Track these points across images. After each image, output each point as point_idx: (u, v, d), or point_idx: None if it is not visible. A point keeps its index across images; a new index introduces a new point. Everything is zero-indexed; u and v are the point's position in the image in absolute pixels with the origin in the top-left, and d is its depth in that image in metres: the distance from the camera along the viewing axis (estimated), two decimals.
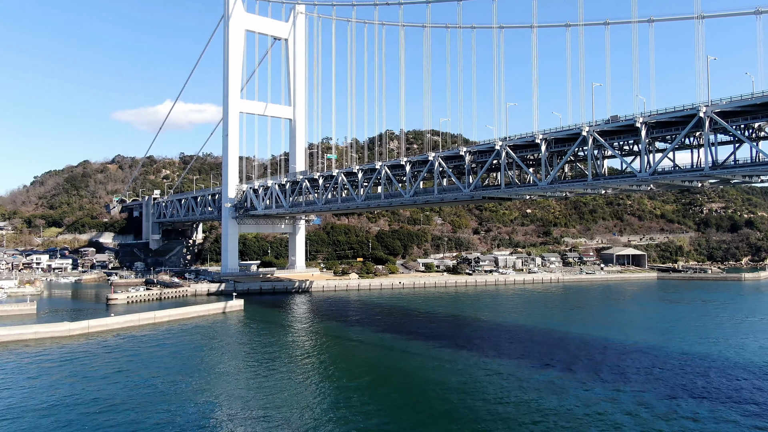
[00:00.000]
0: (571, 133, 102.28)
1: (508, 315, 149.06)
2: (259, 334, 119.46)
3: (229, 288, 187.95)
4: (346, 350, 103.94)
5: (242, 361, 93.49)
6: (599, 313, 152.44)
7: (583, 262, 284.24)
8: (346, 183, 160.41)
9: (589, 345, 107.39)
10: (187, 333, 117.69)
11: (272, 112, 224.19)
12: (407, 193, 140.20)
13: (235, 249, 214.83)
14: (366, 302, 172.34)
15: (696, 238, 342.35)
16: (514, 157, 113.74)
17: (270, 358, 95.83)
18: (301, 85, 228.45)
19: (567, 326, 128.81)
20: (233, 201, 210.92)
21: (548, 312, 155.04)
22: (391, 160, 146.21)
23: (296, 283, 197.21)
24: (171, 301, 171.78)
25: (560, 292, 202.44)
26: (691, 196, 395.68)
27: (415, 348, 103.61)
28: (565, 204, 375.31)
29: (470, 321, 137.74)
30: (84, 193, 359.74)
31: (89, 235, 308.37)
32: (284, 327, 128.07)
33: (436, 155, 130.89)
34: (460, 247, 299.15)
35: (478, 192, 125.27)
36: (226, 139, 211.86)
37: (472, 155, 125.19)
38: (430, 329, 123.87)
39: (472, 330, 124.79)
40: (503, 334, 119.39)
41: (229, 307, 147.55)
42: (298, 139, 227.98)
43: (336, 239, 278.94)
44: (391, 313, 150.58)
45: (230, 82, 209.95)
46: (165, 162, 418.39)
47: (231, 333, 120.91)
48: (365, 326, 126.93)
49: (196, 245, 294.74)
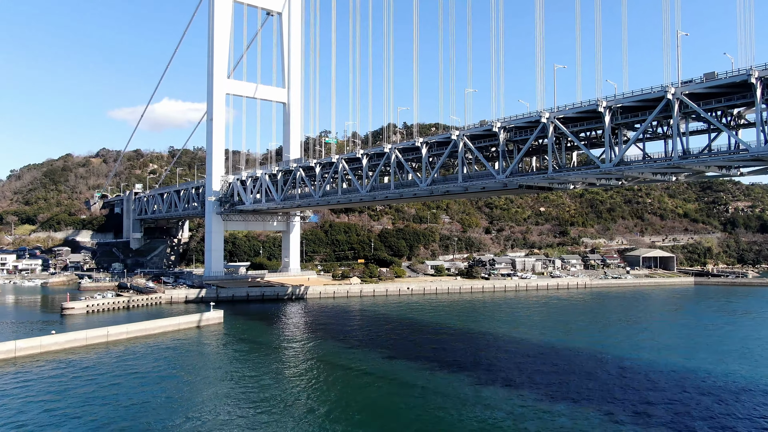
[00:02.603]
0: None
1: (542, 331, 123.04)
2: (236, 359, 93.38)
3: (211, 294, 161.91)
4: (345, 387, 77.93)
5: (205, 412, 67.32)
6: (659, 329, 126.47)
7: (607, 264, 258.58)
8: (347, 171, 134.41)
9: (682, 383, 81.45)
10: (144, 357, 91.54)
11: (264, 94, 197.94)
12: (423, 182, 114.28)
13: (219, 249, 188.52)
14: (370, 314, 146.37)
15: (724, 239, 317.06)
16: (567, 133, 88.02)
17: (245, 401, 69.78)
18: (296, 65, 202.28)
19: (629, 350, 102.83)
20: (218, 194, 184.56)
21: (592, 327, 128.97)
22: (403, 143, 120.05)
23: (289, 289, 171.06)
24: (141, 310, 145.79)
25: (593, 301, 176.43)
26: (714, 194, 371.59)
27: (432, 382, 77.94)
28: (580, 202, 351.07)
29: (495, 340, 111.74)
30: (63, 188, 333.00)
31: (65, 233, 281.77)
32: (269, 350, 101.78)
33: (461, 133, 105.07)
34: (470, 247, 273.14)
35: (515, 178, 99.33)
36: (210, 124, 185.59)
37: (507, 132, 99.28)
38: (447, 353, 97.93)
39: (497, 352, 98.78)
40: (540, 359, 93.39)
41: (205, 320, 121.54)
42: (292, 126, 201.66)
43: (335, 239, 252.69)
44: (400, 328, 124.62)
45: (215, 59, 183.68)
46: (153, 156, 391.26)
47: (201, 358, 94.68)
48: (369, 349, 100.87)
49: (182, 245, 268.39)
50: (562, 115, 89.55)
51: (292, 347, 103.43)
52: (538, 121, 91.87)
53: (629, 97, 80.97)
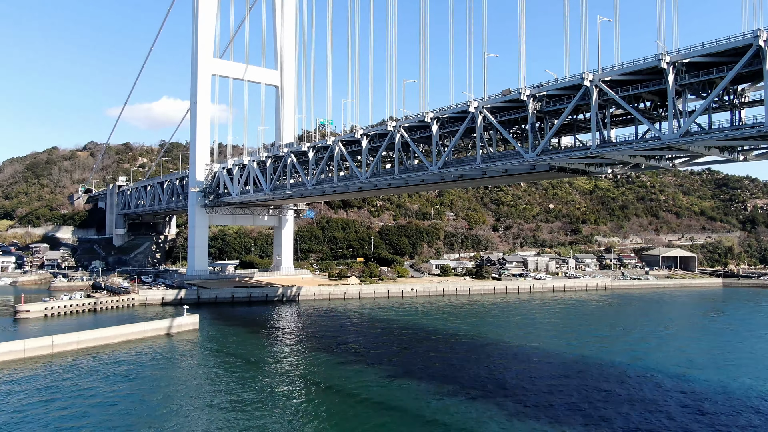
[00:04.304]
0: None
1: (570, 341, 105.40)
2: (208, 379, 75.67)
3: (191, 296, 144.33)
4: (335, 420, 60.39)
5: None
6: (708, 339, 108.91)
7: (624, 264, 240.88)
8: (345, 155, 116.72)
9: None
10: (90, 374, 73.84)
11: (254, 76, 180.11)
12: (434, 165, 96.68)
13: (204, 245, 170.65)
14: (369, 319, 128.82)
15: (744, 238, 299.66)
16: (617, 98, 70.54)
17: None
18: (290, 44, 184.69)
19: (684, 368, 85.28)
20: (202, 185, 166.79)
21: (630, 337, 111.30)
22: (410, 119, 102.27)
23: (279, 290, 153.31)
24: (109, 313, 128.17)
25: (617, 304, 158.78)
26: (730, 192, 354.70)
27: (444, 413, 60.67)
28: (591, 199, 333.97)
29: (517, 353, 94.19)
30: (46, 182, 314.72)
31: (45, 229, 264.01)
32: (247, 367, 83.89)
33: (480, 105, 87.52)
34: (477, 245, 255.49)
35: (548, 157, 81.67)
36: (194, 107, 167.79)
37: (537, 102, 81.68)
38: (461, 370, 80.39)
39: (523, 369, 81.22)
40: (578, 380, 75.78)
41: (176, 327, 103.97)
42: (285, 111, 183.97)
43: (332, 236, 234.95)
44: (403, 337, 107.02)
45: (200, 34, 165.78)
46: (143, 149, 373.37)
47: (162, 376, 76.88)
48: (367, 366, 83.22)
49: (168, 242, 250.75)
50: (610, 77, 72.13)
51: (274, 363, 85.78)
52: (580, 85, 74.41)
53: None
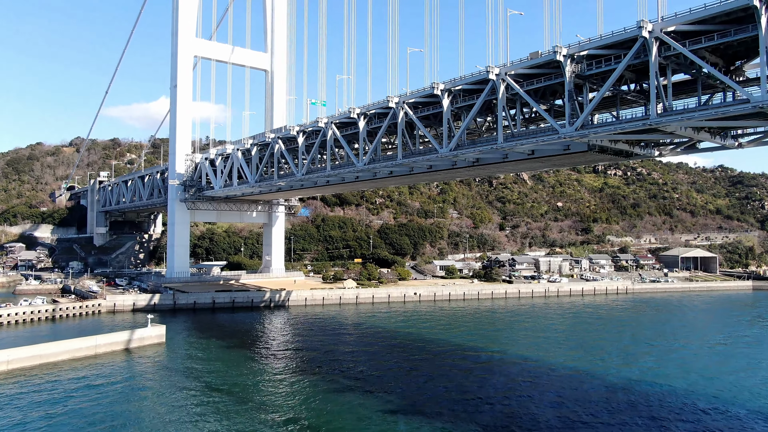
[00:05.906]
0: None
1: (609, 358, 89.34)
2: (167, 409, 59.44)
3: (166, 301, 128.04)
4: None
5: None
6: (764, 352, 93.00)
7: (640, 265, 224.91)
8: (339, 139, 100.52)
9: None
10: (12, 403, 57.59)
11: (242, 59, 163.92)
12: (445, 147, 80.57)
13: (185, 244, 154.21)
14: (368, 328, 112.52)
15: (764, 238, 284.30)
16: (685, 52, 54.65)
17: None
18: (281, 24, 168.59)
19: (750, 399, 69.24)
20: (182, 177, 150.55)
21: (678, 354, 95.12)
22: (415, 94, 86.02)
23: (266, 294, 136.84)
24: (71, 321, 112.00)
25: (644, 310, 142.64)
26: (746, 189, 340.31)
27: None
28: (600, 197, 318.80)
29: (544, 373, 78.04)
30: (27, 178, 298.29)
31: (22, 227, 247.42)
32: (219, 397, 67.64)
33: (503, 71, 71.45)
34: (483, 245, 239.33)
35: (589, 132, 65.45)
36: (174, 91, 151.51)
37: (576, 63, 65.57)
38: (479, 402, 64.21)
39: (555, 396, 65.06)
40: (631, 412, 59.66)
41: (138, 340, 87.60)
42: (276, 97, 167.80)
43: (328, 235, 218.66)
44: (407, 354, 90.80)
45: (180, 11, 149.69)
46: (131, 145, 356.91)
47: (107, 409, 60.56)
48: (368, 394, 66.94)
49: (152, 241, 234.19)
50: (673, 26, 56.21)
51: (251, 392, 69.41)
52: (635, 38, 58.42)
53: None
